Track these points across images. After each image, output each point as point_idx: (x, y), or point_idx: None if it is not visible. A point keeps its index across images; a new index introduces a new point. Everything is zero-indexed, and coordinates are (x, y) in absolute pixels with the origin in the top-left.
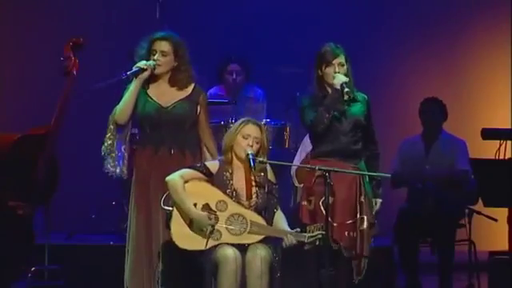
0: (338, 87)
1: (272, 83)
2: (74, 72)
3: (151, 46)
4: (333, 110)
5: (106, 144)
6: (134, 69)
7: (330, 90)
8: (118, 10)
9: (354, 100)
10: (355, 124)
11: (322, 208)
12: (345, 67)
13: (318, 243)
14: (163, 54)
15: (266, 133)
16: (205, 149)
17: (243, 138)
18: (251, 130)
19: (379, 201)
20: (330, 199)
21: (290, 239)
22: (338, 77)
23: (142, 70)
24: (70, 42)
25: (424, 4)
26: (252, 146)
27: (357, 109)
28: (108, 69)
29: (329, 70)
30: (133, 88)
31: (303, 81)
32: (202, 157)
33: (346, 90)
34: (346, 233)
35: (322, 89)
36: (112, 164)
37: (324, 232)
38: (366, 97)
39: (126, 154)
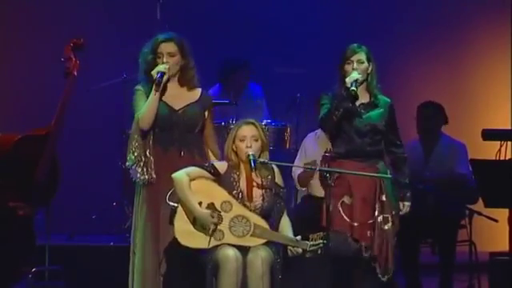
0: (348, 85)
1: (272, 84)
2: (75, 73)
3: (156, 49)
4: (341, 108)
5: (135, 154)
6: (159, 75)
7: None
8: (118, 11)
9: (373, 105)
10: (372, 129)
11: (341, 209)
12: (365, 65)
13: (319, 252)
14: (170, 54)
15: (264, 130)
16: (209, 152)
17: (240, 141)
18: (246, 130)
19: (407, 204)
20: (349, 199)
21: (294, 251)
22: (352, 74)
23: (165, 74)
24: (71, 42)
25: (424, 7)
26: (251, 146)
27: (375, 114)
28: (108, 69)
29: (347, 67)
30: (155, 93)
31: (304, 81)
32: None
33: (352, 88)
34: (368, 233)
35: (341, 87)
36: (141, 172)
37: (326, 241)
38: (389, 101)
39: (151, 158)
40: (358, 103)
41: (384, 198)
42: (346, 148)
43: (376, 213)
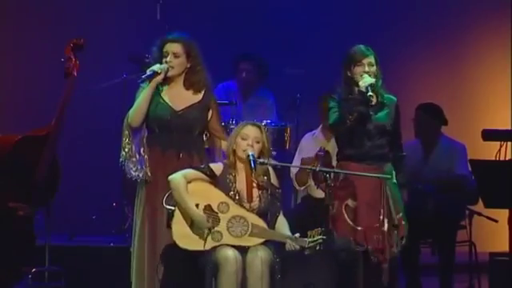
0: (364, 90)
1: (272, 84)
2: (75, 73)
3: (163, 48)
4: (356, 112)
5: (125, 150)
6: (149, 72)
7: (356, 91)
8: (118, 11)
9: (381, 105)
10: (380, 130)
11: (345, 212)
12: (375, 68)
13: (318, 248)
14: (175, 55)
15: (268, 136)
16: (222, 142)
17: (242, 139)
18: (250, 130)
19: None
20: (353, 203)
21: (292, 245)
22: (365, 78)
23: (156, 73)
24: (71, 43)
25: (424, 7)
26: (252, 146)
27: (383, 114)
28: (108, 70)
29: (358, 70)
30: (147, 91)
31: (304, 81)
32: (209, 159)
33: (370, 94)
34: (375, 237)
35: (349, 90)
36: (134, 169)
37: (325, 237)
38: (394, 99)
39: (146, 157)
40: None
41: (390, 202)
42: (356, 151)
43: (381, 217)
